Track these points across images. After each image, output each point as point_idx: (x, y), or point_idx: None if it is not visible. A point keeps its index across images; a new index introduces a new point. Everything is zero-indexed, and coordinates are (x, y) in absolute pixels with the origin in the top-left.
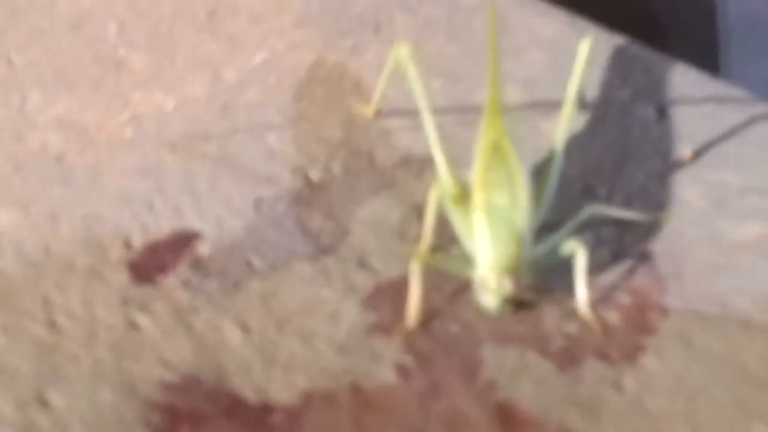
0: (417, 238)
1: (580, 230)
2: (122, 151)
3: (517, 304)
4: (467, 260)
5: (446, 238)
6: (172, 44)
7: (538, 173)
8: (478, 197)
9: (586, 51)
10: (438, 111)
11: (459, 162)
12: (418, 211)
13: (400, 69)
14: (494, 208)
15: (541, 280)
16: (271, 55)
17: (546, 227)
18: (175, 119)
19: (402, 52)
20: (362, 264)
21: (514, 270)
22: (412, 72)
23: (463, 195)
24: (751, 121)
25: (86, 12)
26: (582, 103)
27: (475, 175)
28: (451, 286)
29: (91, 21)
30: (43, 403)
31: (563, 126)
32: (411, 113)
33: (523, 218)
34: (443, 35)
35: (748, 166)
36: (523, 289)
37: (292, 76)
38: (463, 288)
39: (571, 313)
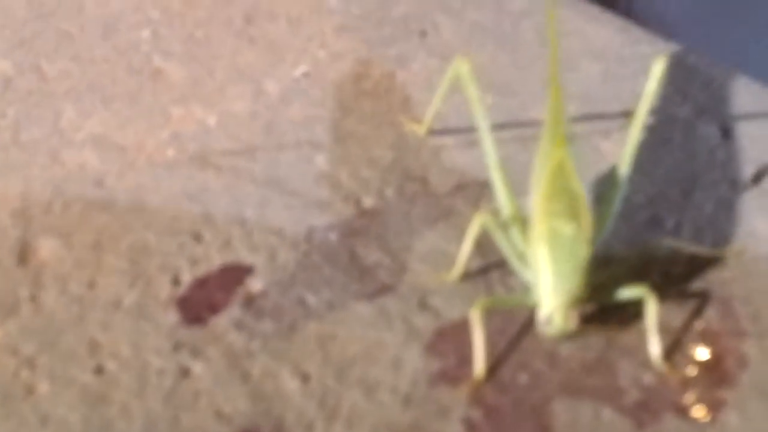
0: (477, 275)
1: (648, 266)
2: (165, 173)
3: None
4: (527, 292)
5: (500, 270)
6: (209, 52)
7: (599, 199)
8: (539, 227)
9: (660, 71)
10: (492, 128)
11: (515, 186)
12: (478, 245)
13: (456, 85)
14: (557, 239)
15: (611, 324)
16: (312, 66)
17: (609, 260)
18: (217, 137)
19: (462, 68)
20: (423, 305)
21: (578, 304)
22: (472, 91)
23: (520, 223)
24: None
25: (116, 15)
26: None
27: (536, 203)
28: (514, 328)
29: (121, 25)
30: None
31: (629, 150)
32: (463, 131)
33: (588, 250)
34: (492, 43)
35: None
36: (587, 320)
37: (337, 89)
38: (527, 330)
39: (646, 363)
